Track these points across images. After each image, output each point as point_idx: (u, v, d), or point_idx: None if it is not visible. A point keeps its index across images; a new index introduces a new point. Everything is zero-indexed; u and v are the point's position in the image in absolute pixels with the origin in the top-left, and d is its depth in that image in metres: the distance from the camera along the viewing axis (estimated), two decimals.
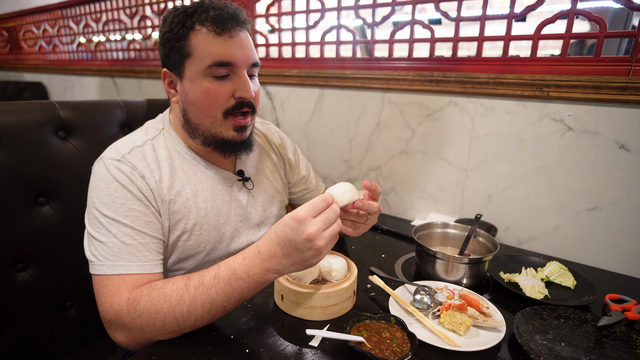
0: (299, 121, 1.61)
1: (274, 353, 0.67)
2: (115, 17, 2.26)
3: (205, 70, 0.78)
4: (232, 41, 0.78)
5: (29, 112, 0.91)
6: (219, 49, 0.77)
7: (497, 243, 0.92)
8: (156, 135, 0.86)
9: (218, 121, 0.82)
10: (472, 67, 1.19)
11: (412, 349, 0.63)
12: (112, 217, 0.74)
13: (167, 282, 0.69)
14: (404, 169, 1.40)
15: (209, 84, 0.79)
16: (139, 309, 0.67)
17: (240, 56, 0.79)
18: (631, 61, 0.96)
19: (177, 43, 0.78)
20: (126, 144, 0.82)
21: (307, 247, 0.61)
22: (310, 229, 0.60)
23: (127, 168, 0.77)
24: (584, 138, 1.06)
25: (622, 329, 0.73)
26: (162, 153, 0.85)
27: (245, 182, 0.96)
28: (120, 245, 0.73)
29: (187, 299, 0.66)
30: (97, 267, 0.72)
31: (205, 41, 0.77)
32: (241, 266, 0.65)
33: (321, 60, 1.50)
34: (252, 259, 0.65)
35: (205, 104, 0.80)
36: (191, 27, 0.77)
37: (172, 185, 0.83)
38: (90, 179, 0.79)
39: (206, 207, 0.87)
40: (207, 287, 0.66)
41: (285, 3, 1.57)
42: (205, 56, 0.77)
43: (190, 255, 0.87)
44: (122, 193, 0.75)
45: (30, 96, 2.88)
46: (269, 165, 1.05)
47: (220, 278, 0.66)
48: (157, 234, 0.78)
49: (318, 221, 0.61)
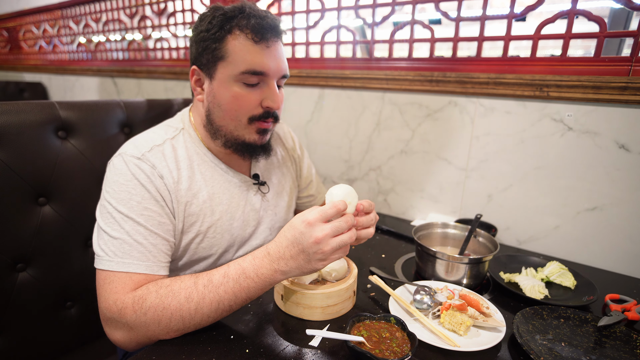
0: (299, 121, 1.61)
1: (274, 353, 0.67)
2: (115, 17, 2.26)
3: (238, 76, 0.78)
4: (268, 51, 0.78)
5: (29, 112, 0.90)
6: (255, 57, 0.77)
7: (497, 243, 0.92)
8: (176, 135, 0.86)
9: (242, 125, 0.83)
10: (472, 67, 1.19)
11: (412, 349, 0.63)
12: (126, 214, 0.74)
13: (174, 280, 0.69)
14: (404, 169, 1.40)
15: (239, 89, 0.79)
16: (146, 306, 0.66)
17: (274, 67, 0.80)
18: (631, 61, 0.96)
19: (212, 44, 0.78)
20: (146, 141, 0.82)
21: (313, 250, 0.63)
22: (318, 233, 0.62)
23: (147, 167, 0.77)
24: (584, 138, 1.06)
25: (622, 329, 0.73)
26: (182, 154, 0.85)
27: (260, 186, 0.97)
28: (132, 242, 0.72)
29: (195, 296, 0.66)
30: (104, 262, 0.72)
31: (242, 47, 0.77)
32: (251, 266, 0.67)
33: (321, 60, 1.50)
34: (262, 260, 0.66)
35: (232, 107, 0.80)
36: (230, 30, 0.77)
37: (190, 187, 0.83)
38: (107, 174, 0.79)
39: (221, 210, 0.88)
40: (216, 286, 0.66)
41: (285, 3, 1.57)
42: (240, 62, 0.77)
43: (202, 258, 0.88)
44: (139, 191, 0.75)
45: (30, 96, 2.88)
46: (283, 169, 1.06)
47: (230, 277, 0.67)
48: (168, 236, 0.78)
49: (327, 227, 0.63)
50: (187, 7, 1.86)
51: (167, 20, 1.97)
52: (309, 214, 0.64)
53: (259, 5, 1.60)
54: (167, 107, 1.22)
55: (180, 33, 1.95)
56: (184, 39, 1.95)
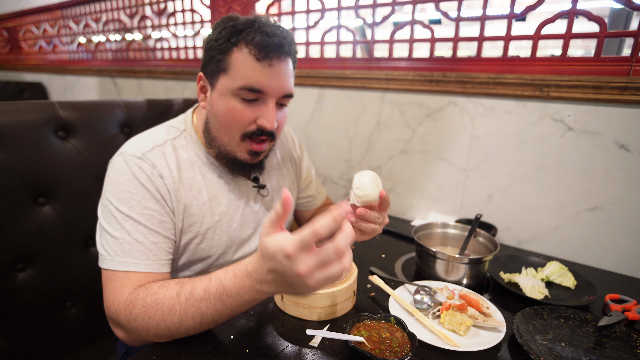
0: (299, 121, 1.61)
1: (274, 353, 0.66)
2: (115, 17, 2.26)
3: (236, 90, 0.77)
4: (269, 70, 0.76)
5: (29, 112, 0.90)
6: (254, 74, 0.76)
7: (497, 243, 0.92)
8: (177, 136, 0.86)
9: (235, 141, 0.82)
10: (472, 67, 1.19)
11: (412, 349, 0.63)
12: (127, 214, 0.74)
13: (161, 288, 0.67)
14: (404, 169, 1.40)
15: (236, 104, 0.78)
16: (134, 312, 0.66)
17: (273, 86, 0.78)
18: (631, 61, 0.96)
19: (218, 54, 0.78)
20: (147, 141, 0.82)
21: (297, 282, 0.53)
22: (300, 268, 0.51)
23: (147, 166, 0.78)
24: (584, 138, 1.06)
25: (623, 329, 0.73)
26: (183, 155, 0.85)
27: (260, 190, 0.96)
28: (132, 242, 0.73)
29: (178, 309, 0.64)
30: (106, 262, 0.73)
31: (244, 63, 0.76)
32: (232, 285, 0.61)
33: (321, 60, 1.50)
34: (242, 280, 0.60)
35: (227, 121, 0.80)
36: (236, 43, 0.76)
37: (191, 189, 0.83)
38: (108, 173, 0.79)
39: (220, 212, 0.88)
40: (198, 300, 0.63)
41: (285, 3, 1.57)
42: (239, 77, 0.77)
43: (201, 259, 0.88)
44: (139, 191, 0.76)
45: (30, 96, 2.88)
46: (283, 171, 1.06)
47: (211, 293, 0.62)
48: (169, 234, 0.79)
49: (311, 261, 0.52)
50: (187, 7, 1.86)
51: (167, 20, 1.97)
52: (287, 243, 0.52)
53: (256, 6, 1.62)
54: (167, 107, 1.22)
55: (180, 33, 1.95)
56: (184, 39, 1.95)
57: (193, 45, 1.92)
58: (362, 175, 0.73)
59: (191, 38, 1.91)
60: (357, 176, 0.73)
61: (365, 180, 0.72)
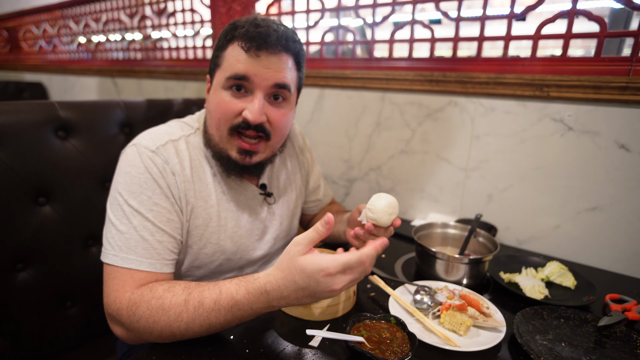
0: (299, 121, 1.60)
1: (274, 353, 0.66)
2: (115, 17, 2.25)
3: (224, 82, 0.78)
4: (256, 60, 0.75)
5: (29, 112, 0.90)
6: (240, 63, 0.76)
7: (497, 243, 0.92)
8: (191, 134, 0.86)
9: (224, 137, 0.81)
10: (472, 67, 1.19)
11: (412, 349, 0.63)
12: (136, 209, 0.73)
13: (167, 292, 0.67)
14: (404, 169, 1.40)
15: (225, 95, 0.78)
16: (138, 314, 0.66)
17: (259, 74, 0.76)
18: (631, 61, 0.96)
19: (216, 52, 0.80)
20: (161, 134, 0.81)
21: (324, 295, 0.61)
22: (337, 285, 0.59)
23: (160, 161, 0.77)
24: (584, 138, 1.06)
25: (623, 329, 0.73)
26: (195, 154, 0.84)
27: (267, 197, 0.96)
28: (138, 239, 0.72)
29: (185, 317, 0.64)
30: (109, 256, 0.72)
31: (233, 54, 0.77)
32: (244, 300, 0.62)
33: (321, 60, 1.50)
34: (258, 297, 0.62)
35: (216, 115, 0.80)
36: (230, 39, 0.78)
37: (200, 190, 0.83)
38: (120, 164, 0.78)
39: (226, 217, 0.87)
40: (207, 311, 0.63)
41: (285, 3, 1.57)
42: (228, 68, 0.77)
43: (203, 264, 0.87)
44: (151, 185, 0.75)
45: (30, 96, 2.87)
46: (291, 175, 1.05)
47: (222, 305, 0.63)
48: (175, 233, 0.78)
49: (347, 279, 0.60)
50: (187, 7, 1.86)
51: (167, 20, 1.97)
52: (331, 264, 0.58)
53: (256, 5, 1.62)
54: (167, 107, 1.22)
55: (180, 33, 1.95)
56: (184, 39, 1.95)
57: (193, 45, 1.92)
58: (380, 197, 0.72)
59: (191, 38, 1.91)
60: (375, 197, 0.73)
61: (380, 204, 0.71)
